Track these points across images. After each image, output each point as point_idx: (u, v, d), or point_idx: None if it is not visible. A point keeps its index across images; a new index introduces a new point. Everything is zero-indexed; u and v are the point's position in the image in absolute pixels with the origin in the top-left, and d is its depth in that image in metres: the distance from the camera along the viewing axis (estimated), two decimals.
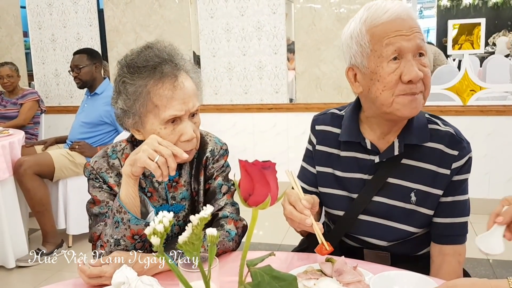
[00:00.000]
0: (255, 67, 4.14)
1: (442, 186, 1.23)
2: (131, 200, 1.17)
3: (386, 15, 1.14)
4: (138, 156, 1.12)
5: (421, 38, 1.15)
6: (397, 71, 1.14)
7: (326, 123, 1.37)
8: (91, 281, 1.07)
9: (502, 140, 3.63)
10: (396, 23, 1.14)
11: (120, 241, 1.17)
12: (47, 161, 3.15)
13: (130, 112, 1.20)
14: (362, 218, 1.28)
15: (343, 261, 1.06)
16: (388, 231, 1.27)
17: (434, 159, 1.23)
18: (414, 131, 1.23)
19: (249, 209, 0.64)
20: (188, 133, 1.19)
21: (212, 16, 4.15)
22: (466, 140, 1.25)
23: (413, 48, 1.13)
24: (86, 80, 3.36)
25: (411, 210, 1.25)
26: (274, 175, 0.57)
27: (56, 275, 2.88)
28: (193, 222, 0.55)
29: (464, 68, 3.57)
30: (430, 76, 1.19)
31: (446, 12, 4.33)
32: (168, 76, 1.17)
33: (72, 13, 4.54)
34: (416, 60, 1.15)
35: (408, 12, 1.16)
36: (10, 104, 4.01)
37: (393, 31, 1.14)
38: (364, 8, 1.20)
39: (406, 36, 1.13)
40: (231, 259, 1.23)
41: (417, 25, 1.16)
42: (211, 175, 1.34)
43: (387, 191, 1.25)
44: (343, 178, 1.31)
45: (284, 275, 0.59)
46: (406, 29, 1.13)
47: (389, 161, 1.24)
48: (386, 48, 1.14)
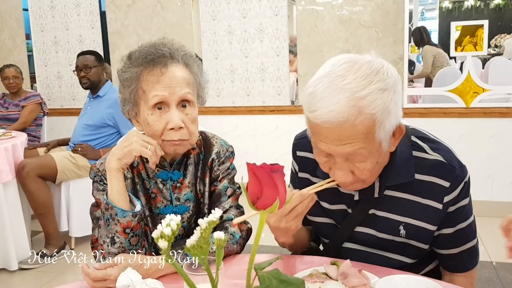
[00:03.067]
0: (257, 69, 4.14)
1: (434, 220, 1.12)
2: (121, 195, 1.18)
3: (314, 115, 0.97)
4: (133, 146, 1.17)
5: (357, 146, 0.97)
6: (327, 164, 1.06)
7: (306, 149, 1.24)
8: (96, 284, 1.07)
9: (505, 142, 3.62)
10: (322, 129, 0.98)
11: (115, 238, 1.17)
12: (49, 163, 3.15)
13: (126, 100, 1.25)
14: (348, 246, 1.23)
15: (349, 264, 1.05)
16: (379, 260, 1.18)
17: (423, 191, 1.11)
18: (397, 169, 1.10)
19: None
20: (174, 121, 1.19)
21: (214, 18, 4.16)
22: (459, 163, 1.11)
23: (342, 154, 1.00)
24: (94, 81, 3.38)
25: (402, 243, 1.16)
26: (282, 178, 0.57)
27: (58, 277, 2.88)
28: (202, 226, 0.55)
29: (467, 70, 3.57)
30: (370, 173, 1.05)
31: (448, 14, 4.32)
32: (159, 64, 1.20)
33: (74, 15, 4.54)
34: (348, 162, 1.02)
35: (341, 119, 0.94)
36: (12, 106, 4.02)
37: (319, 135, 1.00)
38: (312, 79, 1.01)
39: (332, 145, 0.99)
40: (235, 262, 1.23)
41: (353, 133, 0.95)
42: (217, 177, 1.33)
43: (372, 223, 1.18)
44: (327, 208, 1.24)
45: (292, 279, 0.59)
46: (333, 138, 0.98)
47: (370, 198, 1.15)
48: (314, 144, 1.05)
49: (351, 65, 0.98)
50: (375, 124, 0.96)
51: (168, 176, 1.30)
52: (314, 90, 0.98)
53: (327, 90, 0.95)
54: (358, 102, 0.94)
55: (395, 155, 1.10)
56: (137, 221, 1.18)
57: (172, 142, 1.21)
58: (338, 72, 0.97)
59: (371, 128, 0.96)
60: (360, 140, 0.97)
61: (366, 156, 1.00)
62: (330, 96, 0.95)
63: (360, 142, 0.97)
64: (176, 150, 1.24)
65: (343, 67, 0.98)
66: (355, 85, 0.95)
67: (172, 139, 1.20)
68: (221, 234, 0.58)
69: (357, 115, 0.94)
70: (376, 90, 0.95)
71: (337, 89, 0.95)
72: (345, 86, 0.95)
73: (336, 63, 1.00)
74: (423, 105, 3.82)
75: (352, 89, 0.94)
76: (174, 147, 1.23)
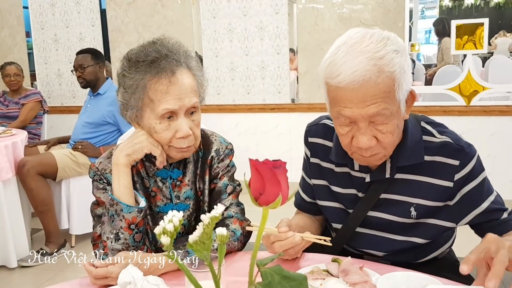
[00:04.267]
0: (257, 67, 4.14)
1: (444, 198, 1.16)
2: (127, 190, 1.19)
3: (337, 80, 1.02)
4: (144, 144, 1.20)
5: (381, 106, 1.02)
6: (349, 133, 1.09)
7: (318, 135, 1.31)
8: (97, 281, 1.08)
9: (505, 140, 3.62)
10: (346, 93, 1.03)
11: (119, 234, 1.17)
12: (50, 161, 3.15)
13: (128, 105, 1.22)
14: (360, 231, 1.26)
15: (350, 262, 1.06)
16: (389, 243, 1.23)
17: (433, 172, 1.15)
18: (408, 151, 1.15)
19: (255, 209, 0.63)
20: (183, 130, 1.19)
21: (214, 16, 4.16)
22: (466, 143, 1.16)
23: (366, 116, 1.04)
24: (90, 80, 3.37)
25: (413, 223, 1.19)
26: (285, 174, 0.57)
27: (58, 275, 2.88)
28: (204, 221, 0.55)
29: (467, 68, 3.57)
30: (392, 138, 1.09)
31: (448, 12, 4.32)
32: (165, 71, 1.17)
33: (75, 13, 4.54)
34: (371, 126, 1.06)
35: (365, 77, 1.00)
36: (12, 103, 4.02)
37: (344, 100, 1.04)
38: (329, 52, 1.08)
39: (357, 109, 1.03)
40: (236, 259, 1.23)
41: (377, 92, 1.01)
42: (217, 175, 1.34)
43: (383, 207, 1.21)
44: (338, 192, 1.28)
45: (294, 275, 0.59)
46: (358, 100, 1.02)
47: (381, 179, 1.19)
48: (337, 114, 1.08)
49: (363, 34, 1.06)
50: (394, 83, 1.03)
51: (168, 175, 1.30)
52: (334, 58, 1.04)
53: (348, 55, 1.02)
54: (378, 61, 1.01)
55: (407, 136, 1.15)
56: (141, 217, 1.18)
57: (181, 149, 1.22)
58: (354, 39, 1.05)
59: (391, 87, 1.03)
60: (383, 99, 1.02)
61: (388, 117, 1.05)
62: (351, 59, 1.01)
63: (383, 102, 1.02)
64: (183, 156, 1.26)
65: (356, 35, 1.06)
66: (372, 47, 1.02)
67: (181, 147, 1.21)
68: (224, 230, 0.58)
69: (379, 73, 1.01)
70: (392, 51, 1.03)
71: (357, 52, 1.02)
72: (364, 49, 1.02)
73: (349, 34, 1.08)
74: (423, 103, 3.82)
75: (370, 51, 1.02)
76: (181, 154, 1.24)
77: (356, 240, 1.27)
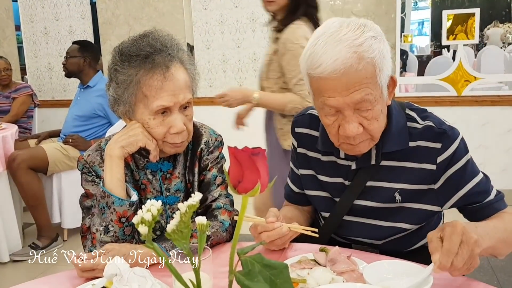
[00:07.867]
0: (249, 59, 4.12)
1: (427, 181, 1.17)
2: (119, 183, 1.18)
3: (319, 70, 1.03)
4: (140, 137, 1.18)
5: (365, 92, 1.03)
6: (335, 123, 1.10)
7: (305, 125, 1.32)
8: (84, 274, 1.07)
9: (496, 130, 3.64)
10: (329, 82, 1.04)
11: (109, 227, 1.17)
12: (40, 155, 3.13)
13: (121, 100, 1.20)
14: (348, 219, 1.27)
15: (337, 251, 1.06)
16: (376, 229, 1.24)
17: (416, 156, 1.16)
18: (393, 138, 1.16)
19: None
20: (178, 126, 1.19)
21: (205, 7, 4.12)
22: (449, 127, 1.16)
23: (351, 104, 1.05)
24: (71, 71, 3.38)
25: (397, 208, 1.21)
26: (264, 162, 0.56)
27: (51, 269, 2.87)
28: (181, 210, 0.54)
29: (459, 59, 3.57)
30: (378, 124, 1.10)
31: (441, 2, 4.31)
32: (159, 66, 1.16)
33: (64, 5, 4.49)
34: (356, 113, 1.07)
35: (346, 65, 1.01)
36: (3, 97, 3.98)
37: (327, 90, 1.05)
38: (308, 44, 1.08)
39: (341, 97, 1.04)
40: (225, 249, 1.23)
41: (359, 78, 1.02)
42: (206, 167, 1.33)
43: (369, 194, 1.22)
44: (325, 182, 1.29)
45: (275, 263, 0.59)
46: (341, 89, 1.03)
47: (367, 166, 1.20)
48: (321, 104, 1.08)
49: (340, 23, 1.07)
50: (375, 68, 1.04)
51: (158, 167, 1.29)
52: (314, 49, 1.05)
53: (327, 45, 1.03)
54: (358, 48, 1.02)
55: (391, 123, 1.16)
56: (133, 211, 1.18)
57: (175, 144, 1.22)
58: (332, 29, 1.06)
59: (373, 72, 1.04)
60: (365, 85, 1.03)
61: (372, 103, 1.06)
62: (331, 48, 1.02)
63: (366, 87, 1.03)
64: (177, 151, 1.26)
65: (334, 25, 1.07)
66: (351, 35, 1.03)
67: (175, 142, 1.21)
68: (203, 219, 0.58)
69: (359, 60, 1.02)
70: (370, 37, 1.04)
71: (336, 41, 1.03)
72: (342, 38, 1.03)
73: (326, 25, 1.09)
74: (415, 93, 3.82)
75: (349, 39, 1.03)
76: (175, 149, 1.24)
77: (344, 228, 1.28)
